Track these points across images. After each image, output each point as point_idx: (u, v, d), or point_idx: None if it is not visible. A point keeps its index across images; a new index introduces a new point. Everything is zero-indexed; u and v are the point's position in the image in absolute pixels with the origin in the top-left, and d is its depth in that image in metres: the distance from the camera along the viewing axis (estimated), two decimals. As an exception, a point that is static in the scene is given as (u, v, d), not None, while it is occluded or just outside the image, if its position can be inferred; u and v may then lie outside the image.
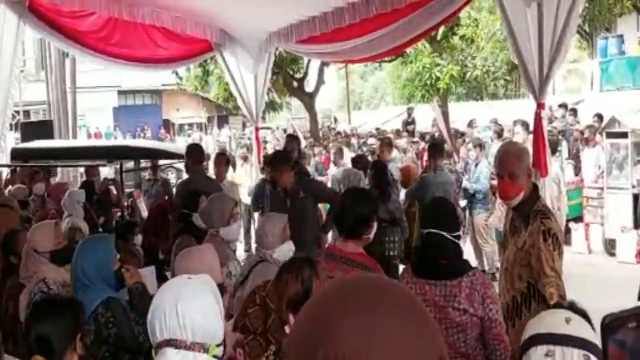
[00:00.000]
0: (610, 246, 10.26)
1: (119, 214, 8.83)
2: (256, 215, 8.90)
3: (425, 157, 10.49)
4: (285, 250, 3.97)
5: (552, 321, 1.87)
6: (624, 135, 11.17)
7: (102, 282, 3.43)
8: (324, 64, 20.18)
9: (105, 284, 3.45)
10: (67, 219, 7.13)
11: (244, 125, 27.58)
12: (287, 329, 2.66)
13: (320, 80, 21.78)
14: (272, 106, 22.19)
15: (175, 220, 5.79)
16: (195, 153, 7.21)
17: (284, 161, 6.41)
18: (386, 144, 9.90)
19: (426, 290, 3.16)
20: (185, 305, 2.10)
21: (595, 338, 1.84)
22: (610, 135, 11.30)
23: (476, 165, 9.38)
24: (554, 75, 5.27)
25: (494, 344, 3.11)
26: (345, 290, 1.06)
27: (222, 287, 3.42)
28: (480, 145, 9.76)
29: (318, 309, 1.04)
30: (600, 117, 14.31)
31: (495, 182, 6.95)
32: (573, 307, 2.60)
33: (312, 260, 2.90)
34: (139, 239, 7.13)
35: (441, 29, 15.56)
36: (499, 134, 12.51)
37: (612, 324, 1.59)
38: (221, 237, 4.43)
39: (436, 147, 7.96)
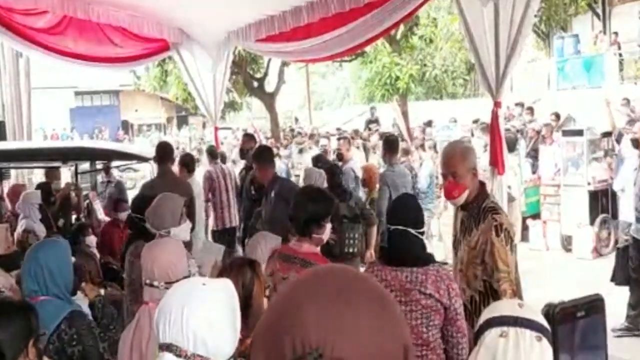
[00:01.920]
0: (567, 242, 10.44)
1: (76, 216, 8.67)
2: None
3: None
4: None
5: (505, 306, 1.90)
6: (579, 133, 11.37)
7: (60, 289, 3.32)
8: (284, 64, 20.15)
9: (64, 290, 3.34)
10: (22, 222, 6.98)
11: (204, 126, 27.39)
12: None
13: (280, 80, 21.72)
14: (232, 106, 22.07)
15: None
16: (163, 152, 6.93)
17: (270, 157, 6.43)
18: (346, 143, 10.03)
19: (392, 276, 3.18)
20: (191, 312, 1.96)
21: (546, 323, 1.86)
22: (566, 133, 11.51)
23: (421, 164, 9.68)
24: (510, 73, 5.32)
25: (457, 337, 3.13)
26: (313, 280, 1.08)
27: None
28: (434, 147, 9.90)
29: (286, 298, 1.06)
30: (557, 115, 14.56)
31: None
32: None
33: (253, 261, 2.84)
34: (91, 239, 7.01)
35: (400, 29, 15.66)
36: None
37: (561, 313, 1.61)
38: (172, 237, 4.31)
39: (390, 143, 7.97)
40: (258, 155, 6.48)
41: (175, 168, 7.77)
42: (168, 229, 4.29)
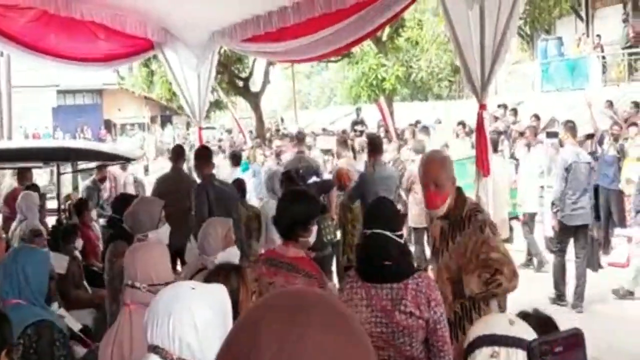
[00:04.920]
0: (551, 243, 10.46)
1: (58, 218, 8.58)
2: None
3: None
4: (228, 257, 3.83)
5: (496, 323, 1.86)
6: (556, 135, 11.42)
7: (34, 295, 3.27)
8: (269, 64, 20.12)
9: (38, 296, 3.28)
10: (23, 222, 6.98)
11: (188, 125, 27.26)
12: None
13: (266, 80, 21.70)
14: (217, 105, 21.99)
15: None
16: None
17: (208, 157, 7.02)
18: (343, 143, 10.34)
19: (372, 294, 3.10)
20: (177, 316, 1.96)
21: None
22: (550, 135, 11.55)
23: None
24: (495, 76, 5.31)
25: (438, 346, 3.09)
26: (274, 300, 1.07)
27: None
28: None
29: (247, 318, 1.05)
30: (537, 117, 14.64)
31: None
32: (538, 313, 2.60)
33: (240, 267, 2.79)
34: (79, 242, 6.94)
35: (386, 30, 15.69)
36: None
37: (538, 348, 1.59)
38: (150, 241, 4.25)
39: (374, 144, 8.03)
40: (197, 155, 7.05)
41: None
42: (146, 232, 4.24)
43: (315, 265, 3.50)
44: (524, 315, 2.57)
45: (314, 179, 8.27)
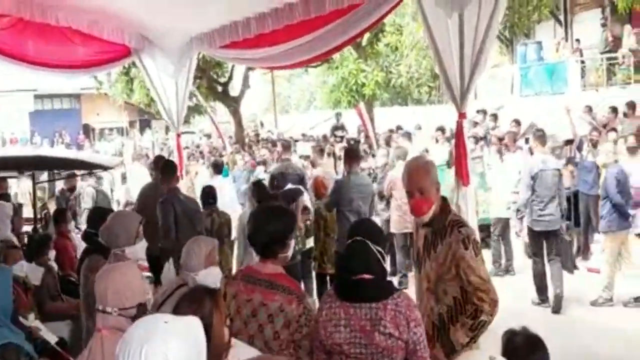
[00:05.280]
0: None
1: (33, 227, 8.44)
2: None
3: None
4: (209, 276, 3.76)
5: None
6: (543, 140, 11.44)
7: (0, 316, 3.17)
8: (249, 68, 20.01)
9: (4, 317, 3.19)
10: None
11: (167, 130, 27.06)
12: None
13: (245, 85, 21.59)
14: (196, 110, 21.86)
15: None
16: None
17: (172, 171, 7.21)
18: (319, 151, 10.51)
19: (351, 314, 3.04)
20: (150, 351, 1.89)
21: None
22: (529, 140, 11.59)
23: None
24: (474, 85, 5.29)
25: None
26: None
27: (145, 306, 3.23)
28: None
29: None
30: (517, 122, 14.68)
31: None
32: (526, 332, 2.56)
33: (214, 291, 2.72)
34: (53, 253, 6.82)
35: (366, 36, 15.67)
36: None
37: None
38: (126, 256, 4.18)
39: (350, 152, 8.10)
40: (162, 169, 7.26)
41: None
42: (122, 247, 4.15)
43: (293, 280, 3.42)
44: (512, 334, 2.54)
45: (288, 186, 8.27)
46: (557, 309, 8.34)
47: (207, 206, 7.80)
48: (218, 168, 11.37)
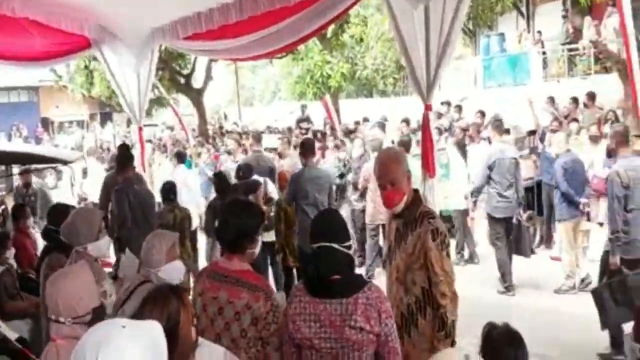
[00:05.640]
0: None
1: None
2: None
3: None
4: (172, 270, 3.69)
5: None
6: (506, 131, 11.55)
7: None
8: (212, 60, 19.79)
9: None
10: None
11: (128, 123, 26.66)
12: None
13: (208, 76, 21.38)
14: (159, 102, 21.58)
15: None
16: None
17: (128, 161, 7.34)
18: (286, 143, 10.30)
19: (321, 309, 3.00)
20: (106, 358, 1.80)
21: None
22: (488, 130, 11.67)
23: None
24: (440, 77, 5.28)
25: (388, 357, 3.02)
26: None
27: (102, 309, 3.13)
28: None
29: None
30: (482, 113, 14.79)
31: None
32: (508, 328, 2.55)
33: (177, 288, 2.65)
34: (12, 251, 6.64)
35: (331, 27, 15.61)
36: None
37: None
38: (89, 253, 4.08)
39: (306, 146, 8.12)
40: (117, 158, 7.46)
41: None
42: (85, 244, 4.04)
43: (260, 277, 3.37)
44: (491, 327, 2.53)
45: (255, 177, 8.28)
46: (508, 291, 8.71)
47: (168, 202, 7.80)
48: (181, 158, 11.24)
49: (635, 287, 5.85)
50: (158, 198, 8.11)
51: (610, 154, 7.34)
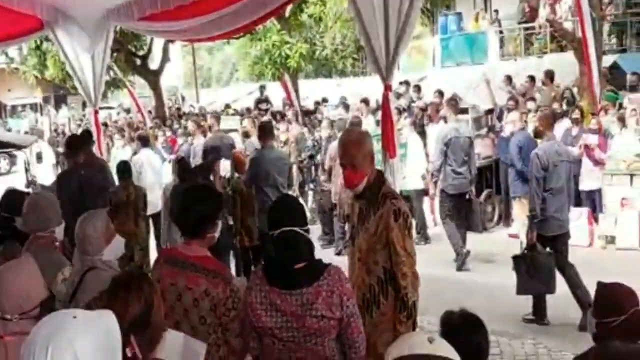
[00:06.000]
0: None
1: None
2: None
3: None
4: (115, 248, 3.61)
5: (414, 342, 1.80)
6: (464, 111, 11.66)
7: None
8: (168, 41, 19.48)
9: None
10: None
11: (84, 105, 26.14)
12: (128, 352, 2.34)
13: (165, 58, 21.05)
14: (115, 84, 21.19)
15: None
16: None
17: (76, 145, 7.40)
18: (251, 121, 11.25)
19: (282, 299, 2.96)
20: (56, 349, 1.73)
21: (458, 357, 1.77)
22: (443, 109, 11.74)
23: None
24: (399, 56, 5.28)
25: (352, 337, 3.03)
26: None
27: (51, 300, 3.05)
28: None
29: None
30: (440, 92, 14.89)
31: None
32: (464, 311, 2.56)
33: (145, 274, 2.62)
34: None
35: (289, 7, 15.48)
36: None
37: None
38: (52, 239, 3.99)
39: (265, 128, 8.26)
40: (66, 142, 7.66)
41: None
42: (53, 228, 3.97)
43: (220, 263, 3.34)
44: (449, 314, 2.54)
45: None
46: (460, 267, 8.96)
47: (122, 180, 7.95)
48: (144, 141, 11.10)
49: (544, 264, 6.64)
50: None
51: (537, 135, 7.79)
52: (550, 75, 14.79)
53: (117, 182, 8.17)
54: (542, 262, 6.67)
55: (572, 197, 7.31)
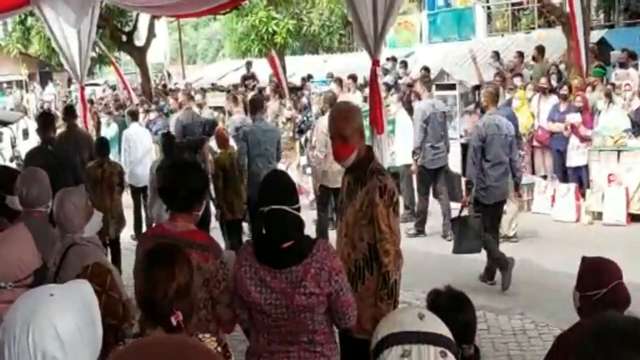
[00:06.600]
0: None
1: None
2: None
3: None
4: (95, 224, 3.61)
5: (404, 319, 1.78)
6: (452, 87, 11.67)
7: None
8: (154, 17, 19.26)
9: None
10: None
11: (69, 82, 25.86)
12: (173, 320, 2.34)
13: (150, 34, 20.78)
14: (101, 60, 20.97)
15: None
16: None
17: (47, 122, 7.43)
18: (233, 99, 10.98)
19: (271, 277, 2.96)
20: (37, 328, 1.70)
21: (449, 333, 1.78)
22: (439, 87, 11.77)
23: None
24: (387, 31, 5.28)
25: (341, 310, 3.05)
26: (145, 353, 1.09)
27: (43, 270, 3.05)
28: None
29: None
30: (427, 69, 14.84)
31: None
32: (450, 290, 2.57)
33: (179, 247, 2.62)
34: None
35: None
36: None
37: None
38: (46, 214, 3.97)
39: (255, 102, 8.71)
40: (37, 119, 7.96)
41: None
42: (47, 203, 3.96)
43: (209, 236, 3.35)
44: (436, 294, 2.55)
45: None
46: (447, 234, 9.11)
47: (99, 157, 7.99)
48: (134, 116, 11.08)
49: (472, 226, 7.26)
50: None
51: (483, 110, 8.30)
52: (541, 51, 14.75)
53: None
54: (470, 224, 7.29)
55: (512, 170, 7.64)
